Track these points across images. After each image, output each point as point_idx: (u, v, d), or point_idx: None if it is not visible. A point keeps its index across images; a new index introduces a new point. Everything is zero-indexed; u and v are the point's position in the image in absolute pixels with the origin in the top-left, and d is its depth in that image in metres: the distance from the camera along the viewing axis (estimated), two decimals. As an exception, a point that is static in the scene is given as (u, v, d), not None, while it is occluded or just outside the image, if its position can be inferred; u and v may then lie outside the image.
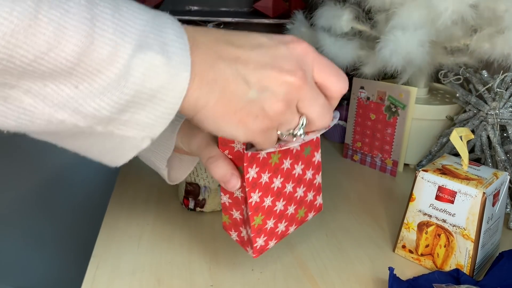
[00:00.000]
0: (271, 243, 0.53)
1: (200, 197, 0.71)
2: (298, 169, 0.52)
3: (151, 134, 0.37)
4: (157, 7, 1.05)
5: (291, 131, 0.41)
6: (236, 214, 0.51)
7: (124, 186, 0.80)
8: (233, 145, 0.47)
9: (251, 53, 0.38)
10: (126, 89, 0.33)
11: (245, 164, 0.45)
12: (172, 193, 0.78)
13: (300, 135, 0.42)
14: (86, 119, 0.34)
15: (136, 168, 0.86)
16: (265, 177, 0.48)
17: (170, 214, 0.72)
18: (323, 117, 0.41)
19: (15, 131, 0.35)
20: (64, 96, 0.32)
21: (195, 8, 1.14)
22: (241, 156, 0.47)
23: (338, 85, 0.42)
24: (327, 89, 0.41)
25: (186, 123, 0.52)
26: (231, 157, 0.47)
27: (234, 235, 0.53)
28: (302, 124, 0.41)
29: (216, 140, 0.49)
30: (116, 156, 0.40)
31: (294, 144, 0.43)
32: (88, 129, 0.35)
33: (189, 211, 0.72)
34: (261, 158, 0.47)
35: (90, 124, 0.34)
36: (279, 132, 0.41)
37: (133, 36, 0.33)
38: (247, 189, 0.47)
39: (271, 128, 0.40)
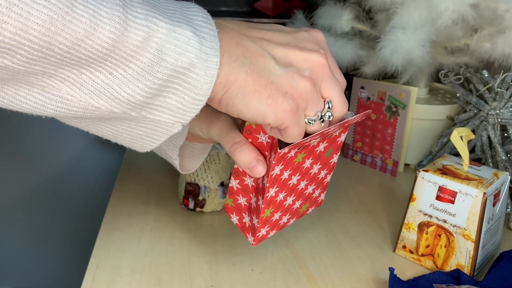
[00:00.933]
0: (271, 233, 0.53)
1: (200, 197, 0.71)
2: (315, 168, 0.52)
3: (182, 119, 0.38)
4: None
5: (319, 114, 0.41)
6: (242, 200, 0.51)
7: (124, 186, 0.80)
8: (258, 135, 0.46)
9: (273, 33, 0.40)
10: (159, 74, 0.34)
11: (273, 162, 0.45)
12: (172, 193, 0.78)
13: (329, 117, 0.42)
14: (121, 105, 0.35)
15: (136, 168, 0.86)
16: (285, 174, 0.48)
17: (170, 214, 0.72)
18: (342, 102, 0.42)
19: (52, 117, 0.36)
20: (100, 83, 0.33)
21: (195, 8, 1.14)
22: (263, 147, 0.47)
23: (343, 78, 0.44)
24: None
25: (203, 110, 0.50)
26: None
27: (235, 218, 0.53)
28: (329, 107, 0.41)
29: (237, 126, 0.49)
30: (147, 141, 0.40)
31: (319, 132, 0.43)
32: (122, 114, 0.36)
33: (189, 211, 0.72)
34: (288, 157, 0.46)
35: (125, 110, 0.35)
36: (306, 120, 0.41)
37: (165, 20, 0.33)
38: (267, 185, 0.47)
39: (299, 109, 0.39)
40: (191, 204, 0.72)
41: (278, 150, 0.43)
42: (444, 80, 0.86)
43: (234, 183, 0.51)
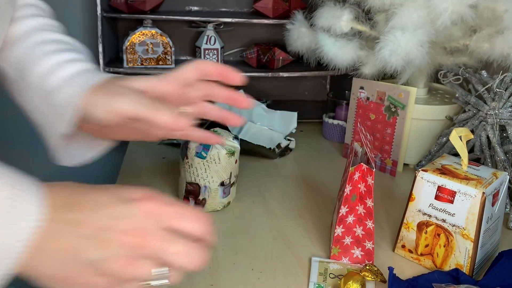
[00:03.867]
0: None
1: (200, 197, 0.71)
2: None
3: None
4: (157, 7, 1.05)
5: (148, 282, 0.39)
6: (348, 240, 0.61)
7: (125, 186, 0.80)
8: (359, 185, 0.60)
9: (93, 215, 0.37)
10: None
11: (372, 182, 0.59)
12: (172, 193, 0.78)
13: (164, 282, 0.39)
14: None
15: (136, 168, 0.87)
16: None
17: (170, 214, 0.72)
18: (186, 260, 0.39)
19: None
20: None
21: (195, 8, 1.14)
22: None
23: (196, 228, 0.40)
24: (189, 233, 0.40)
25: (104, 89, 0.47)
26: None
27: (345, 260, 0.62)
28: (161, 274, 0.38)
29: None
30: None
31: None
32: None
33: None
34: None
35: None
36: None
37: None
38: (372, 204, 0.59)
39: (119, 284, 0.38)
40: (192, 204, 0.72)
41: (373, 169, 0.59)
42: (443, 80, 0.86)
43: (338, 230, 0.61)
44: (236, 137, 0.74)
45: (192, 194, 0.71)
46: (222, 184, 0.71)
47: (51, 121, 0.50)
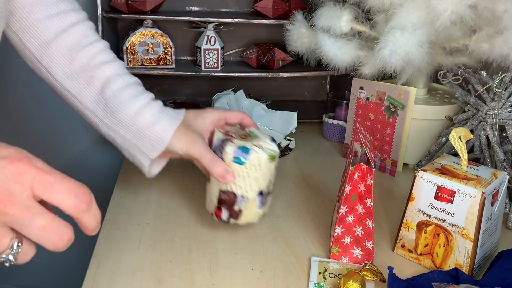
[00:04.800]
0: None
1: (236, 207, 0.63)
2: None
3: None
4: (157, 8, 1.05)
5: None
6: (347, 240, 0.61)
7: (125, 185, 0.81)
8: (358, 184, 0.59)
9: None
10: None
11: (372, 182, 0.58)
12: (173, 192, 0.78)
13: (8, 261, 0.35)
14: None
15: (137, 168, 0.87)
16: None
17: (171, 213, 0.72)
18: (46, 238, 0.35)
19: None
20: None
21: (195, 8, 1.14)
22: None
23: (66, 202, 0.36)
24: (58, 207, 0.36)
25: (183, 132, 0.63)
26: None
27: (345, 259, 0.62)
28: (13, 248, 0.35)
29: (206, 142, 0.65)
30: None
31: None
32: None
33: (222, 223, 0.65)
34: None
35: None
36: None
37: None
38: (371, 204, 0.59)
39: None
40: (225, 215, 0.63)
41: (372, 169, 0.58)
42: (442, 80, 0.86)
43: (338, 230, 0.61)
44: (273, 139, 0.65)
45: (226, 203, 0.63)
46: (260, 193, 0.63)
47: (143, 149, 0.64)
